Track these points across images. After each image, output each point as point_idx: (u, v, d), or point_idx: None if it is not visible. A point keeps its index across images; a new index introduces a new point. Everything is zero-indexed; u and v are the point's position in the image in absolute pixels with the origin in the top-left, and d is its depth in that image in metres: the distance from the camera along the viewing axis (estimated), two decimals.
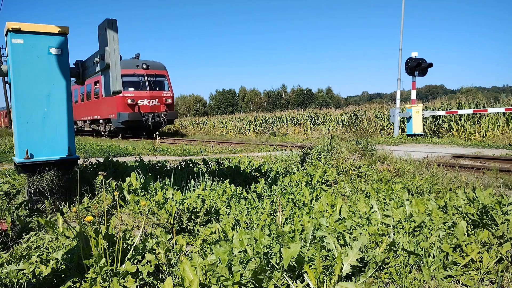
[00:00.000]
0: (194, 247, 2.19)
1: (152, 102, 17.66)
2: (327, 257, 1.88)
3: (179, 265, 1.74)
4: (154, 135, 11.80)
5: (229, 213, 2.78)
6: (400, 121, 15.03)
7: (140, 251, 1.92)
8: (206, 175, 3.68)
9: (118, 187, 3.32)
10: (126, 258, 1.83)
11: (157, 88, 18.03)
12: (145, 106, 17.44)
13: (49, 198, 3.02)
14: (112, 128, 18.54)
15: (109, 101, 17.49)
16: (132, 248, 1.87)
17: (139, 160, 4.79)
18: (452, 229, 2.21)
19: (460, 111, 12.61)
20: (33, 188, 3.02)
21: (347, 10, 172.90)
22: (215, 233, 2.30)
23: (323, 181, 3.84)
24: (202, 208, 2.70)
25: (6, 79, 3.25)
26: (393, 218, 2.34)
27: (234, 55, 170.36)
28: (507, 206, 2.32)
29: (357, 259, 1.76)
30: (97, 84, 18.81)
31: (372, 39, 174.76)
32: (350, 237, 2.08)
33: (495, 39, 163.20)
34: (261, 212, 2.68)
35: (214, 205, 2.88)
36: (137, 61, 18.06)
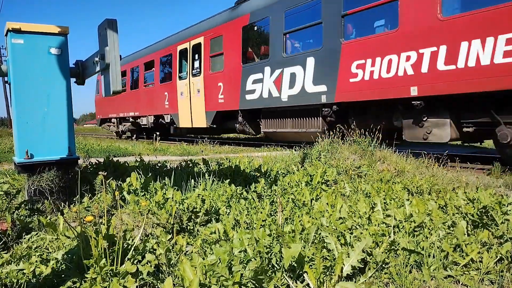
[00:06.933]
0: (194, 247, 2.19)
1: None
2: (327, 257, 1.88)
3: (179, 265, 1.74)
4: (154, 135, 11.76)
5: (229, 213, 2.78)
6: None
7: (140, 251, 1.92)
8: (206, 175, 3.68)
9: (118, 187, 3.32)
10: (126, 258, 1.83)
11: None
12: None
13: (49, 198, 3.02)
14: None
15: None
16: (132, 248, 1.87)
17: (139, 160, 4.79)
18: (452, 229, 2.22)
19: None
20: (33, 188, 3.02)
21: None
22: (215, 233, 2.29)
23: (323, 181, 3.84)
24: (202, 208, 2.70)
25: (6, 79, 3.25)
26: (394, 218, 2.34)
27: None
28: (507, 206, 2.32)
29: (358, 260, 1.76)
30: None
31: None
32: (350, 237, 2.08)
33: None
34: (261, 212, 2.68)
35: (214, 205, 2.88)
36: None
